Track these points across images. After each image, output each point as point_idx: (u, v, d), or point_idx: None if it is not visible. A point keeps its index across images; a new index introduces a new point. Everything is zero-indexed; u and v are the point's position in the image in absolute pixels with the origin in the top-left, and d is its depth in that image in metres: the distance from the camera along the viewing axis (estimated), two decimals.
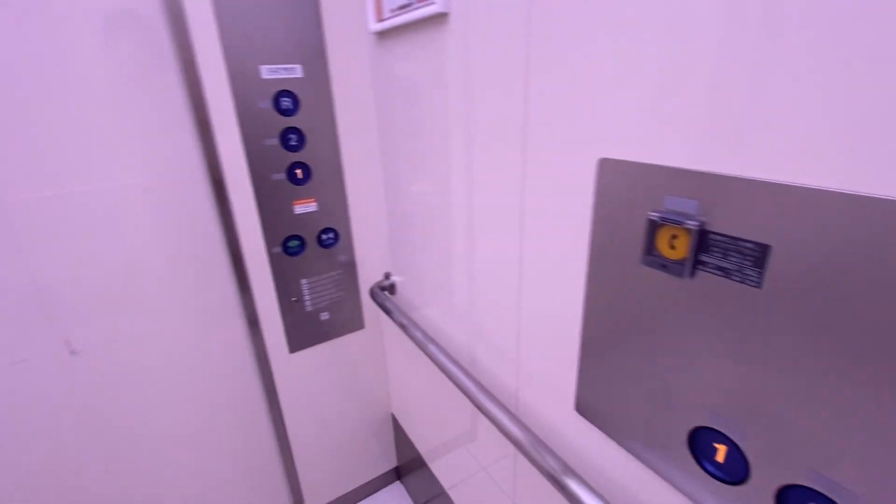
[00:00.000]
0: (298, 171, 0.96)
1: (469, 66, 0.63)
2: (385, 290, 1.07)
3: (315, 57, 0.92)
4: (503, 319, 0.70)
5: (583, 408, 0.57)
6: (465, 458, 0.98)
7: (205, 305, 0.98)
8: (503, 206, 0.63)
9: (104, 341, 0.89)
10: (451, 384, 0.76)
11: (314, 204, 1.00)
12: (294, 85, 0.92)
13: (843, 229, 0.29)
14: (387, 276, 1.10)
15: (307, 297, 1.07)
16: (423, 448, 1.23)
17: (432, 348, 0.83)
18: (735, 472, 0.41)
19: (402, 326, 0.92)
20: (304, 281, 1.05)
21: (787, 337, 0.34)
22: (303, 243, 1.02)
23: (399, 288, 1.08)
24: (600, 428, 0.55)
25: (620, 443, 0.53)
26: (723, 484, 0.42)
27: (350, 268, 1.11)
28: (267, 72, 0.89)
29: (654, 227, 0.41)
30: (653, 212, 0.40)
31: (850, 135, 0.29)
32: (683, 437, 0.44)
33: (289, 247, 1.00)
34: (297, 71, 0.91)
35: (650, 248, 0.42)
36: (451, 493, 1.10)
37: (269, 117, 0.91)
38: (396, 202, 0.98)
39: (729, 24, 0.33)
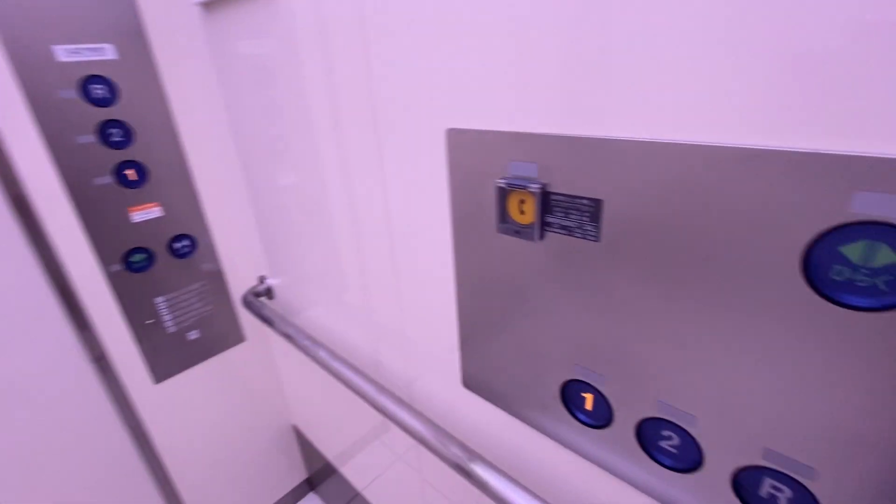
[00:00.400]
0: (130, 172, 0.81)
1: (308, 36, 0.58)
2: (262, 296, 0.97)
3: (130, 35, 0.78)
4: (387, 307, 0.67)
5: (469, 382, 0.57)
6: (374, 455, 0.95)
7: (32, 353, 0.80)
8: (368, 188, 0.60)
9: None
10: (347, 388, 0.72)
11: (158, 209, 0.86)
12: (106, 68, 0.76)
13: (658, 176, 0.31)
14: (261, 280, 1.00)
15: (167, 318, 0.92)
16: (330, 454, 1.17)
17: (322, 354, 0.77)
18: (602, 416, 0.43)
19: (287, 336, 0.84)
20: (159, 299, 0.90)
21: (624, 284, 0.36)
22: (150, 256, 0.87)
23: (278, 291, 0.99)
24: (487, 399, 0.55)
25: (506, 409, 0.54)
26: (595, 429, 0.44)
27: (216, 276, 0.98)
28: (65, 53, 0.72)
29: (503, 193, 0.40)
30: (500, 179, 0.40)
31: (663, 86, 0.30)
32: (556, 392, 0.46)
33: (132, 262, 0.85)
34: (107, 52, 0.76)
35: (503, 216, 0.41)
36: (366, 494, 1.07)
37: (77, 109, 0.75)
38: (263, 196, 0.88)
39: None
